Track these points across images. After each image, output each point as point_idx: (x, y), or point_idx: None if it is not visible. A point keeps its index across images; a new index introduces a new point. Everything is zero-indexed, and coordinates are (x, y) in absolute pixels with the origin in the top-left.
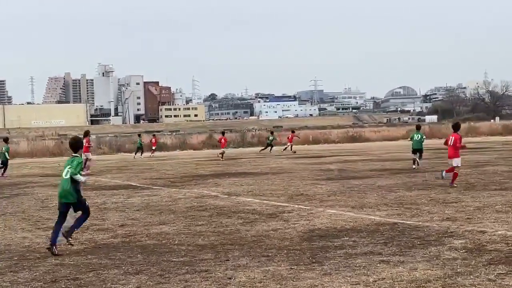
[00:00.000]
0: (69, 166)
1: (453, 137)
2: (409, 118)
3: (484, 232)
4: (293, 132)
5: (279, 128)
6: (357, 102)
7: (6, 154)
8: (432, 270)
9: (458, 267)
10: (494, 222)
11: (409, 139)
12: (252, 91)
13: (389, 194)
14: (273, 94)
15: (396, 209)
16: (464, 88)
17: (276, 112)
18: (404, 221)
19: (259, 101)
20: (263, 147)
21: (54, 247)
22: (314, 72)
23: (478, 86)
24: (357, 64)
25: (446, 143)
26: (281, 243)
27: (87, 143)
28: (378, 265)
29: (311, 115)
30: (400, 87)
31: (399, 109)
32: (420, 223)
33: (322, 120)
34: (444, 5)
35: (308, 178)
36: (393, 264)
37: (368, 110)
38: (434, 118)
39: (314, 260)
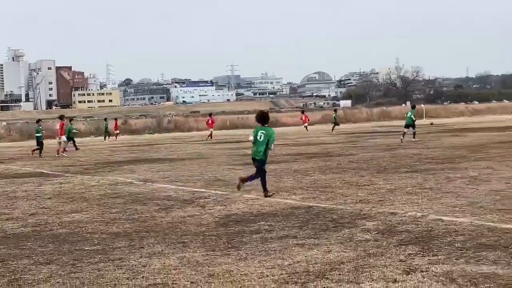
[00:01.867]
0: None
1: None
2: (324, 103)
3: (395, 214)
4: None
5: (196, 113)
6: (273, 87)
7: None
8: (346, 252)
9: (370, 248)
10: (404, 204)
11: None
12: (168, 76)
13: (304, 178)
14: (189, 79)
15: (311, 193)
16: (377, 73)
17: (193, 97)
18: (319, 204)
19: (175, 86)
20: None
21: None
22: (231, 58)
23: (390, 72)
24: (273, 50)
25: None
26: (197, 229)
27: (60, 127)
28: (293, 248)
29: (228, 100)
30: (316, 73)
31: (314, 94)
32: (334, 206)
33: (239, 105)
34: None
35: (225, 164)
36: (307, 247)
37: (285, 95)
38: (348, 102)
39: (230, 246)
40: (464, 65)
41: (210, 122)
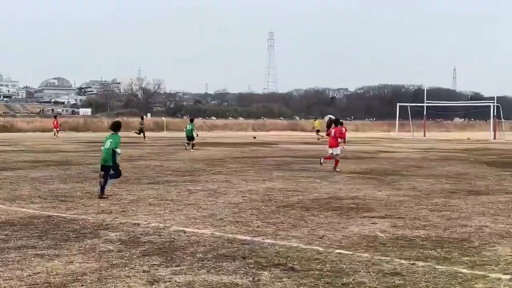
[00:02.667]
0: None
1: (334, 130)
2: (63, 110)
3: (139, 225)
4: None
5: None
6: (8, 90)
7: None
8: (88, 262)
9: (114, 259)
10: (147, 214)
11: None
12: None
13: (43, 186)
14: None
15: (51, 202)
16: (119, 83)
17: None
18: (59, 214)
19: None
20: None
21: None
22: None
23: (132, 82)
24: (9, 51)
25: (328, 134)
26: None
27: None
28: (33, 259)
29: None
30: (55, 78)
31: (53, 100)
32: (76, 215)
33: None
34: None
35: None
36: (48, 257)
37: (21, 99)
38: (88, 111)
39: None
40: (204, 81)
41: None
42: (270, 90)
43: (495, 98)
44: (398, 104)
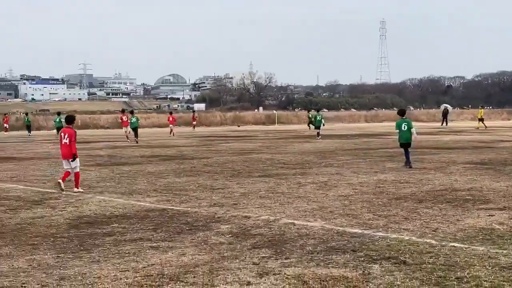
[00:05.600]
0: None
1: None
2: (178, 106)
3: (249, 217)
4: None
5: (45, 112)
6: (127, 88)
7: None
8: (200, 254)
9: (225, 251)
10: (258, 207)
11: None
12: (17, 72)
13: (159, 181)
14: (39, 76)
15: (166, 195)
16: (231, 78)
17: (42, 95)
18: (173, 207)
19: (24, 83)
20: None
21: None
22: (83, 56)
23: (244, 77)
24: (128, 50)
25: None
26: (47, 231)
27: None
28: (148, 251)
29: (80, 99)
30: (170, 75)
31: (169, 96)
32: (189, 209)
33: (91, 105)
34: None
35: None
36: (162, 250)
37: (139, 96)
38: (202, 106)
39: (82, 248)
40: (315, 73)
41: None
42: (383, 80)
43: None
44: None
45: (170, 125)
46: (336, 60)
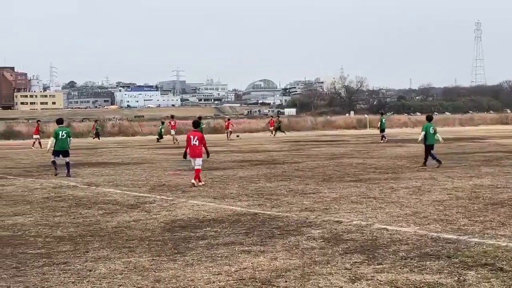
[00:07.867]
0: None
1: None
2: (269, 111)
3: (340, 222)
4: (228, 119)
5: (140, 118)
6: (219, 93)
7: None
8: (292, 259)
9: (316, 256)
10: (349, 212)
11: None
12: (113, 80)
13: (250, 185)
14: (134, 84)
15: (257, 200)
16: (322, 82)
17: (137, 101)
18: (265, 212)
19: (120, 90)
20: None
21: None
22: (177, 63)
23: (334, 81)
24: (218, 56)
25: None
26: (143, 234)
27: None
28: (240, 255)
29: (173, 105)
30: (261, 80)
31: (259, 101)
32: (280, 213)
33: (184, 111)
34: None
35: (170, 169)
36: (254, 253)
37: (230, 101)
38: (293, 111)
39: (176, 251)
40: (408, 76)
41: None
42: (478, 82)
43: None
44: None
45: (228, 130)
46: (429, 62)
